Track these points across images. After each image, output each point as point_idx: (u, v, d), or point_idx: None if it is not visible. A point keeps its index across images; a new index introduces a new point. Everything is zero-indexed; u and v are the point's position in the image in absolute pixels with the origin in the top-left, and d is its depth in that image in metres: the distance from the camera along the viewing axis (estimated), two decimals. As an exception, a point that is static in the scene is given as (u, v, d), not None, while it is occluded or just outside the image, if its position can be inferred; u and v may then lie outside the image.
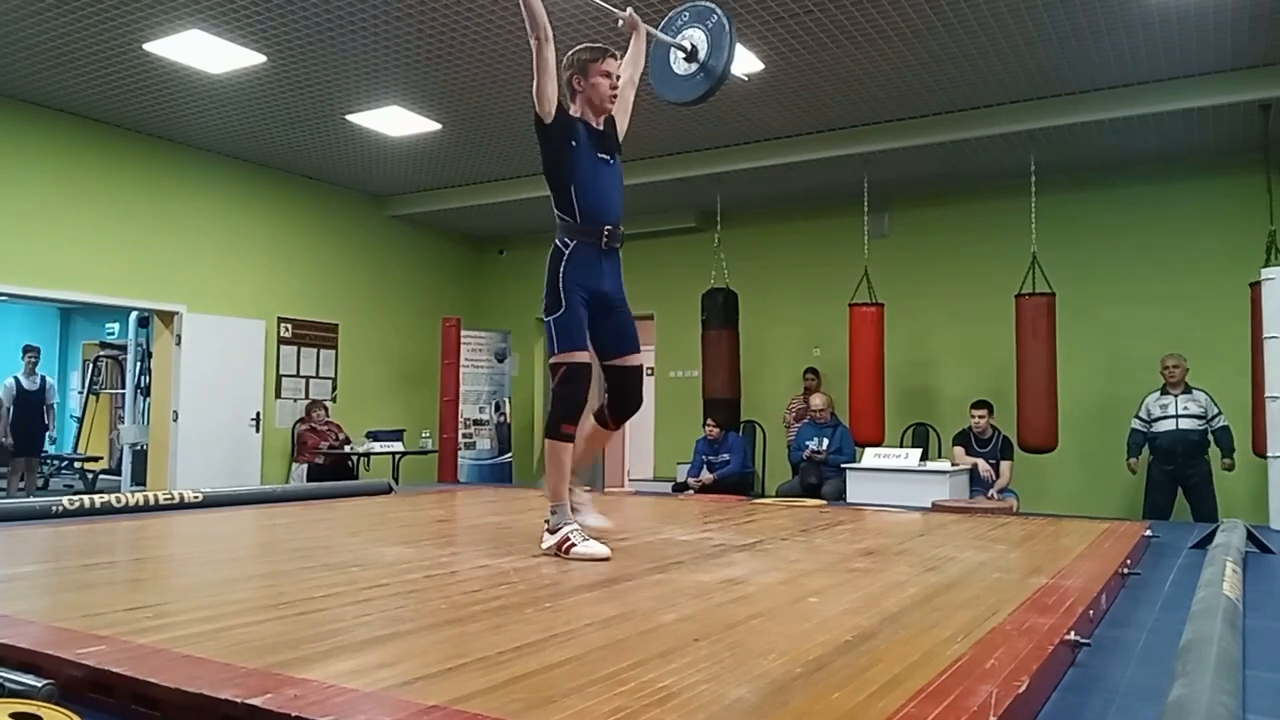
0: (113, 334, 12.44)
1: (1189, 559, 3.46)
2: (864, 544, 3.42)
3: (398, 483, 7.06)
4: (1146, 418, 6.49)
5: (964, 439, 6.94)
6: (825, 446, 7.26)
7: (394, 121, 7.23)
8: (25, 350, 9.65)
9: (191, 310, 7.98)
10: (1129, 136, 6.92)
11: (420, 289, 10.15)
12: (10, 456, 9.33)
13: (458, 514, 4.76)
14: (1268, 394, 5.20)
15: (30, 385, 9.39)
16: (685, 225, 9.34)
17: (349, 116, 7.15)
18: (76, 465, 11.47)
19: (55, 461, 11.41)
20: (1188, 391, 6.36)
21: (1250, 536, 3.83)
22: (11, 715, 1.42)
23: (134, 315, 9.38)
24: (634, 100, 3.46)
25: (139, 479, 8.44)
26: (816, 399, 7.57)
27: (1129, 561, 3.02)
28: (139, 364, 9.59)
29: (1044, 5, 5.19)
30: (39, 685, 1.52)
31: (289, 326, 8.87)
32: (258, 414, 8.42)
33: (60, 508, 4.23)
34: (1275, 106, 6.18)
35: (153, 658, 1.62)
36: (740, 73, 3.61)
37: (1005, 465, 6.79)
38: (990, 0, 5.16)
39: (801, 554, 3.12)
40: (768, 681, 1.55)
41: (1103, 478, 7.45)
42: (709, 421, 7.66)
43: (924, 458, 6.87)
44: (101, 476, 10.99)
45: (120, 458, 9.37)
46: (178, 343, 7.91)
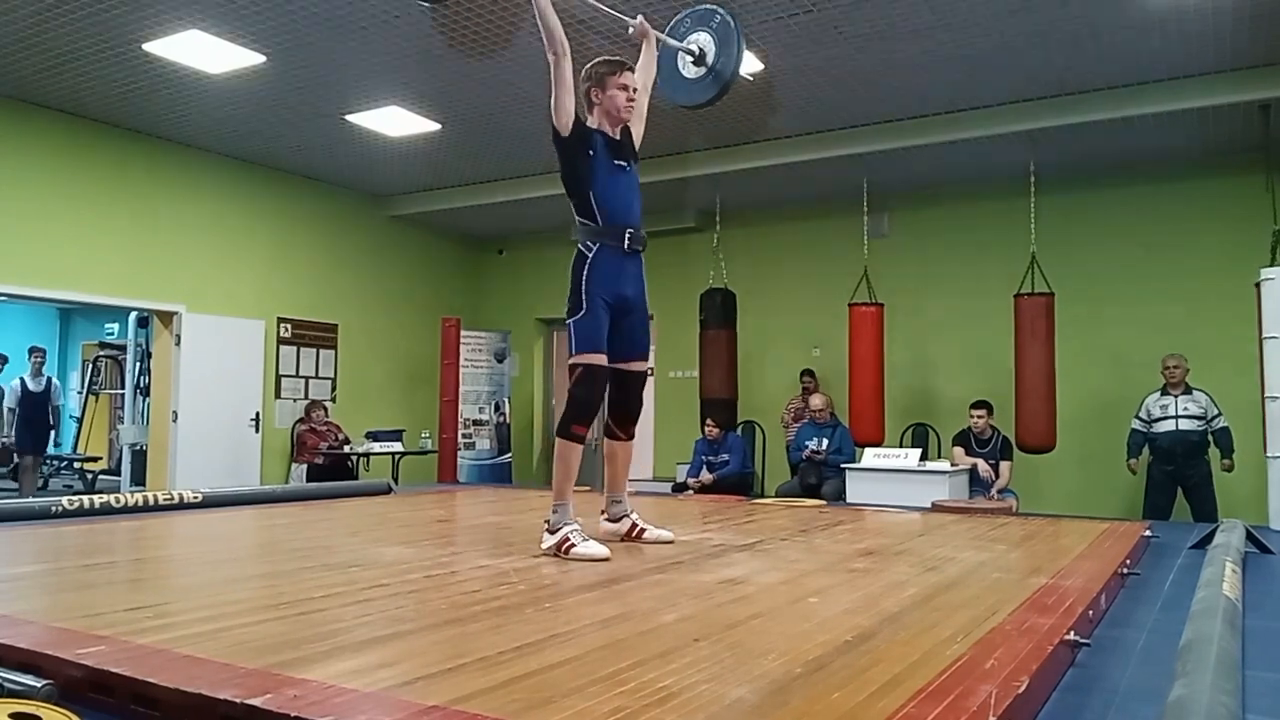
0: (112, 334, 12.44)
1: (1188, 559, 3.46)
2: (864, 544, 3.42)
3: (397, 483, 7.06)
4: (1146, 418, 6.49)
5: (963, 439, 6.95)
6: (825, 447, 7.26)
7: (394, 121, 7.23)
8: (31, 351, 9.67)
9: (191, 310, 7.97)
10: (1129, 136, 6.92)
11: (420, 289, 10.14)
12: (14, 456, 9.35)
13: (457, 514, 4.76)
14: (1267, 394, 5.20)
15: (36, 386, 9.40)
16: (685, 225, 9.34)
17: (348, 116, 7.15)
18: (76, 465, 11.48)
19: (55, 461, 11.40)
20: (1188, 392, 6.36)
21: (1250, 536, 3.83)
22: (11, 715, 1.42)
23: (133, 315, 9.37)
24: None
25: (138, 479, 8.43)
26: (816, 399, 7.57)
27: (1128, 561, 3.02)
28: (138, 364, 9.58)
29: (1044, 5, 5.19)
30: (39, 685, 1.52)
31: (288, 326, 8.87)
32: (257, 414, 8.42)
33: (60, 508, 4.23)
34: (1275, 106, 6.19)
35: (152, 658, 1.62)
36: (744, 72, 3.61)
37: (1005, 465, 6.80)
38: (990, 0, 5.16)
39: (801, 554, 3.12)
40: (768, 681, 1.55)
41: (1102, 478, 7.45)
42: (709, 422, 7.66)
43: (923, 458, 6.87)
44: (101, 477, 10.99)
45: (120, 458, 9.37)
46: (177, 343, 7.91)
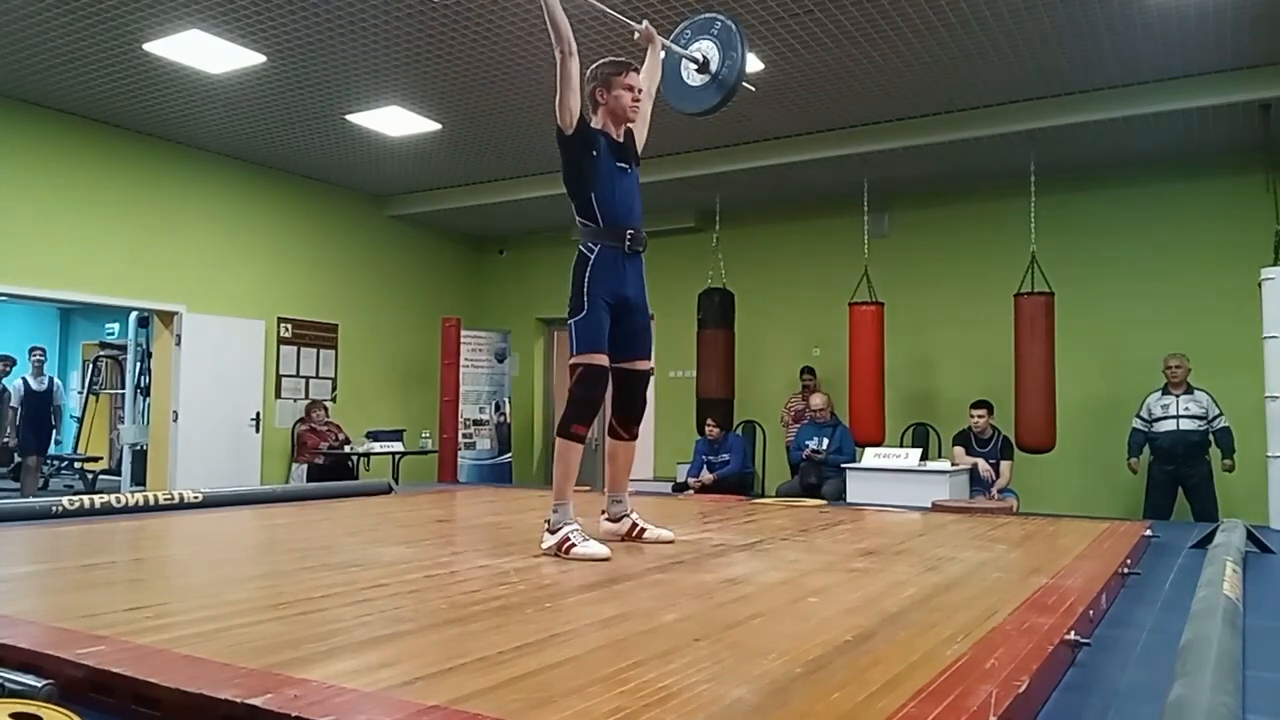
0: (112, 334, 12.44)
1: (1189, 559, 3.46)
2: (864, 544, 3.42)
3: (397, 483, 7.06)
4: (1147, 417, 6.49)
5: (964, 439, 6.95)
6: (825, 446, 7.26)
7: (394, 121, 7.23)
8: (32, 351, 9.66)
9: (191, 310, 7.98)
10: (1129, 136, 6.92)
11: (420, 289, 10.14)
12: (15, 456, 9.35)
13: (457, 514, 4.76)
14: (1267, 394, 5.20)
15: (38, 386, 9.40)
16: (685, 225, 9.34)
17: (349, 116, 7.15)
18: (76, 465, 11.48)
19: (55, 461, 11.40)
20: (1189, 392, 6.36)
21: (1250, 536, 3.83)
22: (11, 715, 1.42)
23: (134, 315, 9.38)
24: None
25: (139, 479, 8.43)
26: (816, 399, 7.57)
27: (1129, 561, 3.02)
28: (139, 364, 9.58)
29: (1044, 5, 5.19)
30: (39, 685, 1.52)
31: (289, 326, 8.87)
32: (257, 414, 8.42)
33: (60, 508, 4.23)
34: (1275, 106, 6.18)
35: (153, 658, 1.62)
36: (749, 84, 3.61)
37: (1005, 465, 6.80)
38: (990, 0, 5.16)
39: (801, 554, 3.12)
40: (768, 681, 1.55)
41: (1102, 478, 7.46)
42: (709, 422, 7.66)
43: (924, 458, 6.87)
44: (101, 477, 10.99)
45: (120, 458, 9.37)
46: (177, 343, 7.91)
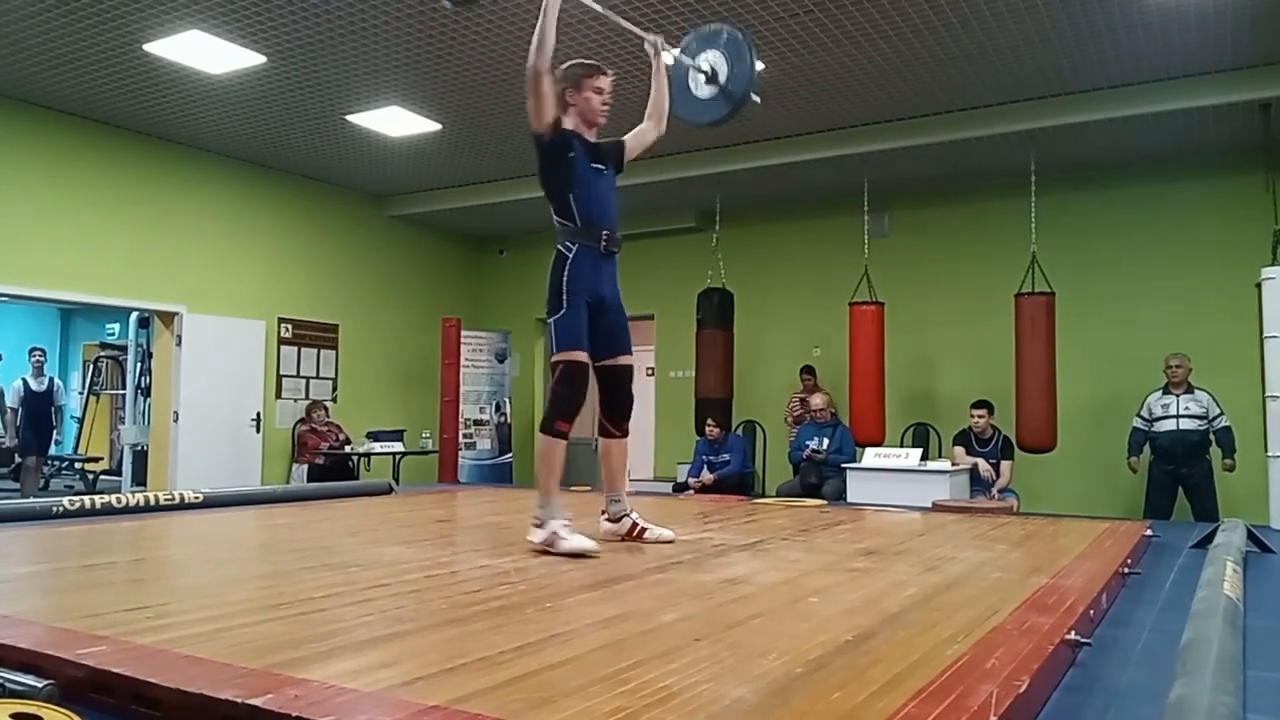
0: (113, 334, 12.44)
1: (1189, 559, 3.46)
2: (864, 544, 3.42)
3: (398, 483, 7.06)
4: (1148, 416, 6.49)
5: (964, 439, 6.95)
6: (825, 446, 7.26)
7: (394, 122, 7.23)
8: (32, 351, 9.66)
9: (192, 311, 7.98)
10: (1129, 136, 6.92)
11: (420, 289, 10.15)
12: (16, 456, 9.35)
13: (458, 514, 4.76)
14: (1268, 394, 5.20)
15: (38, 386, 9.40)
16: (685, 225, 9.35)
17: (349, 117, 7.15)
18: (77, 466, 11.48)
19: (56, 462, 11.41)
20: (1190, 392, 6.35)
21: (1251, 536, 3.83)
22: (12, 715, 1.42)
23: (134, 316, 9.38)
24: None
25: (139, 479, 8.44)
26: (817, 399, 7.57)
27: (1129, 561, 3.02)
28: (139, 364, 9.58)
29: (1044, 5, 5.19)
30: (40, 685, 1.52)
31: (289, 327, 8.87)
32: (258, 414, 8.42)
33: (61, 508, 4.23)
34: (1275, 106, 6.18)
35: (153, 658, 1.62)
36: (755, 95, 3.61)
37: (1005, 465, 6.79)
38: (990, 0, 5.16)
39: (802, 554, 3.12)
40: (768, 681, 1.55)
41: (1103, 477, 7.46)
42: (709, 422, 7.66)
43: (924, 458, 6.86)
44: (102, 477, 10.99)
45: (121, 458, 9.37)
46: (178, 343, 7.91)
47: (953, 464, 6.66)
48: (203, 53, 5.93)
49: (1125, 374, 7.38)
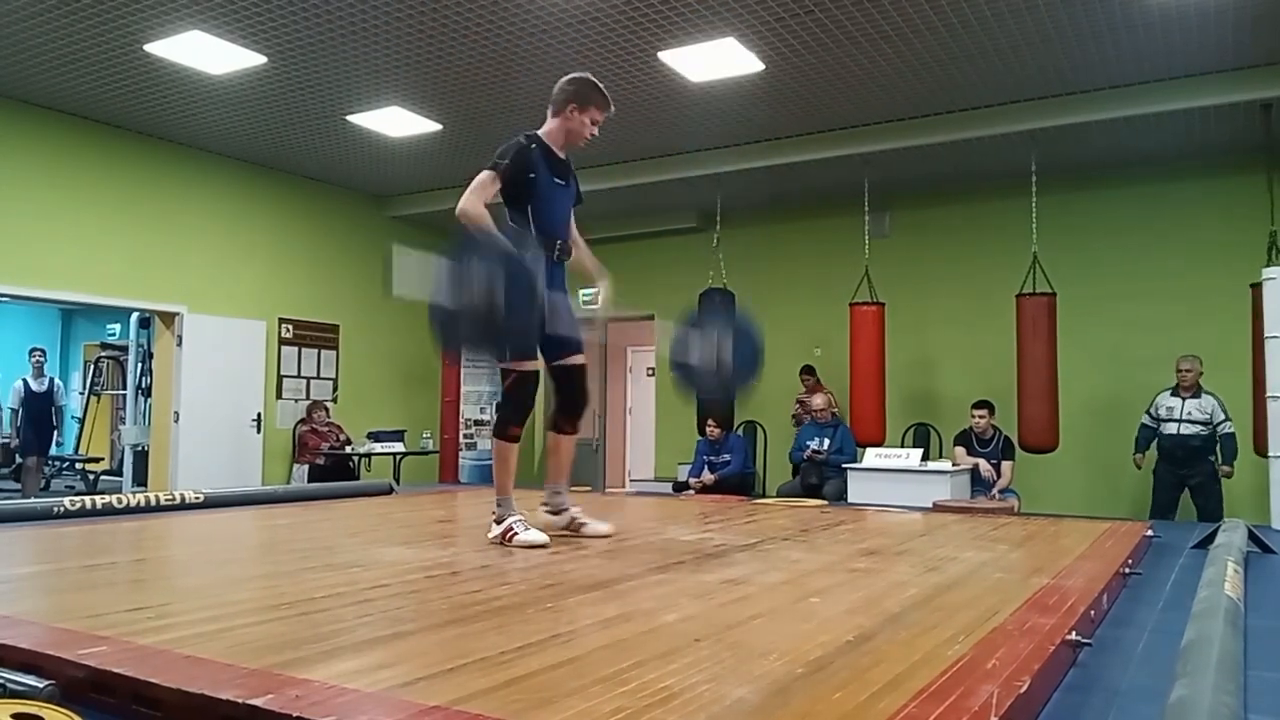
0: (114, 335, 12.45)
1: (1190, 559, 3.46)
2: (865, 544, 3.42)
3: (399, 483, 7.06)
4: (1155, 415, 6.48)
5: (965, 439, 6.95)
6: (826, 446, 7.26)
7: (394, 122, 7.23)
8: (32, 352, 9.67)
9: (192, 311, 7.98)
10: (1129, 136, 6.92)
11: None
12: (17, 457, 9.36)
13: (458, 514, 4.76)
14: (1268, 394, 5.20)
15: (38, 387, 9.41)
16: (686, 225, 9.35)
17: (349, 117, 7.16)
18: (78, 466, 11.48)
19: (57, 462, 11.42)
20: (1197, 396, 6.33)
21: (1252, 536, 3.83)
22: (13, 716, 1.42)
23: (135, 316, 9.39)
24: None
25: (140, 480, 8.44)
26: (818, 399, 7.57)
27: (1130, 561, 3.02)
28: (140, 365, 9.59)
29: (1044, 5, 5.19)
30: (40, 686, 1.52)
31: (290, 327, 8.87)
32: (259, 415, 8.43)
33: (62, 508, 4.23)
34: (1276, 106, 6.18)
35: (154, 658, 1.62)
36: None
37: (1006, 465, 6.79)
38: (991, 1, 5.16)
39: (803, 554, 3.12)
40: (769, 682, 1.55)
41: (1104, 478, 7.46)
42: (710, 422, 7.66)
43: (925, 458, 6.87)
44: (103, 477, 11.00)
45: (121, 458, 9.38)
46: (179, 343, 7.91)
47: (953, 464, 6.66)
48: (203, 53, 5.93)
49: (1126, 374, 7.38)
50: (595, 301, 3.45)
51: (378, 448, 8.42)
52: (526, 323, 2.87)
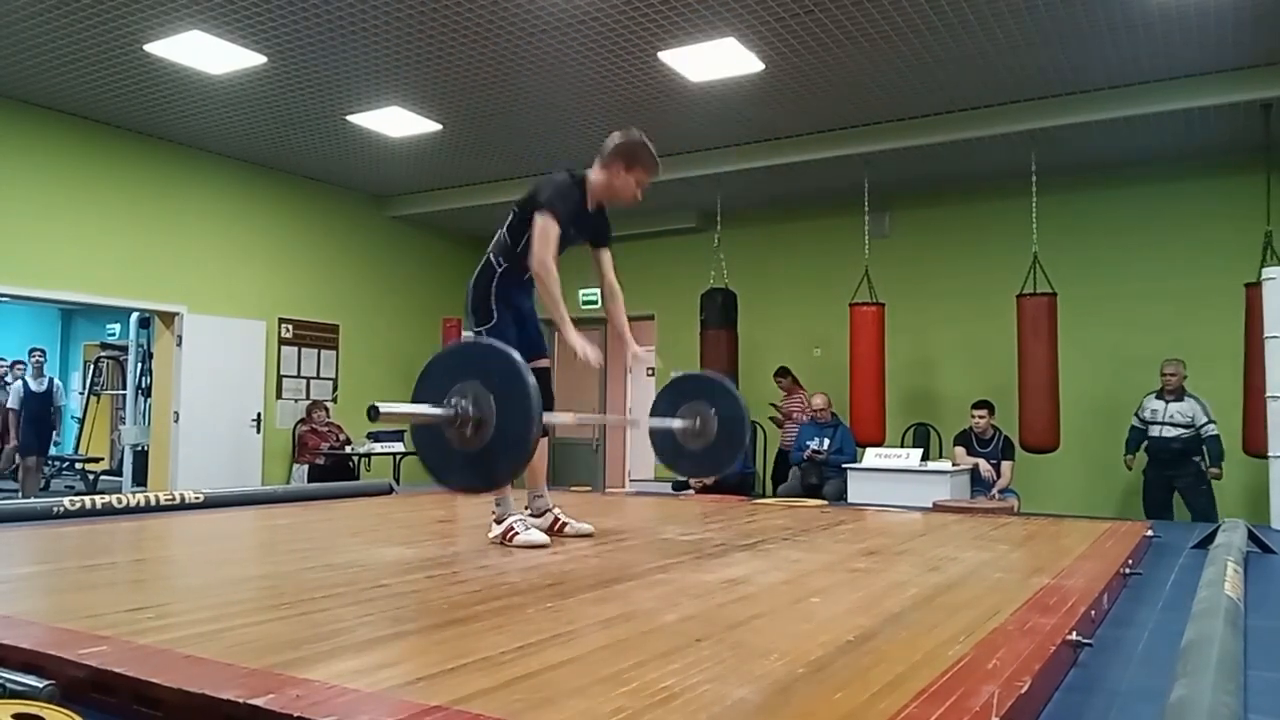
0: (114, 335, 12.45)
1: (1190, 559, 3.46)
2: (865, 544, 3.42)
3: (399, 483, 7.06)
4: (1142, 417, 6.51)
5: (965, 439, 6.95)
6: (826, 446, 7.26)
7: (394, 122, 7.23)
8: (32, 352, 9.67)
9: (192, 311, 7.98)
10: (1129, 136, 6.92)
11: (421, 289, 10.15)
12: (17, 457, 9.35)
13: (458, 514, 4.76)
14: (1268, 394, 5.19)
15: (38, 387, 9.41)
16: (686, 225, 9.34)
17: (349, 117, 7.15)
18: (77, 466, 11.49)
19: (56, 462, 11.42)
20: (1180, 399, 6.37)
21: (1251, 536, 3.83)
22: (13, 716, 1.42)
23: (135, 316, 9.39)
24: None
25: (140, 480, 8.44)
26: (818, 399, 7.57)
27: (1130, 561, 3.02)
28: (140, 365, 9.59)
29: (1044, 5, 5.19)
30: (41, 686, 1.52)
31: (290, 327, 8.87)
32: (258, 415, 8.43)
33: (61, 508, 4.23)
34: (1276, 106, 6.18)
35: (155, 658, 1.62)
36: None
37: (1006, 465, 6.80)
38: (991, 1, 5.16)
39: (803, 554, 3.12)
40: (770, 681, 1.55)
41: (1104, 478, 7.45)
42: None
43: (925, 458, 6.87)
44: (103, 477, 10.99)
45: (121, 458, 9.38)
46: (179, 343, 7.91)
47: (953, 464, 6.66)
48: (203, 53, 5.93)
49: (1127, 374, 7.37)
50: (593, 356, 3.19)
51: (378, 448, 8.42)
52: (525, 435, 2.62)
